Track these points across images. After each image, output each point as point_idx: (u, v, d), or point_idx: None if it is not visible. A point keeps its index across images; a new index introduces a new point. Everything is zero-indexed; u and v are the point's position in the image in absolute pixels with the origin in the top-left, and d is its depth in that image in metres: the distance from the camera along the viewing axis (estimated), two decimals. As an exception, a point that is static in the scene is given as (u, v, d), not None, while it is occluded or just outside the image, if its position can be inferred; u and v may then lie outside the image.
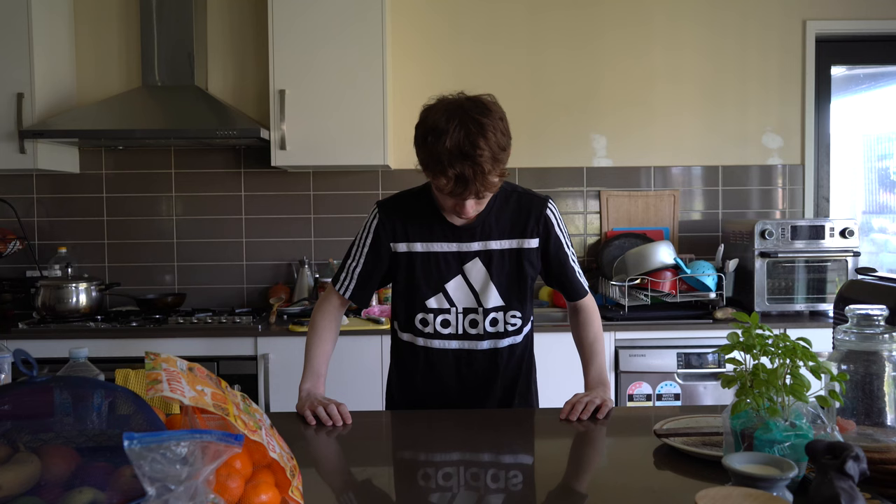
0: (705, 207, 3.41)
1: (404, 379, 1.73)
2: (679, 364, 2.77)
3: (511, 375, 1.68)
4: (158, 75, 3.13)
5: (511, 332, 1.65)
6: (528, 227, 1.62)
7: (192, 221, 3.35)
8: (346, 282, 1.70)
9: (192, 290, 3.33)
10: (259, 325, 2.82)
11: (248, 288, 3.36)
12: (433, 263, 1.62)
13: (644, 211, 3.38)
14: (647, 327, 2.82)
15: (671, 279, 2.92)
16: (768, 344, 1.13)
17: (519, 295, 1.64)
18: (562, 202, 3.40)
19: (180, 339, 2.77)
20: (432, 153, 1.42)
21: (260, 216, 3.35)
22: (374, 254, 1.66)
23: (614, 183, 3.39)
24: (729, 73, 3.38)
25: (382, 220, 1.65)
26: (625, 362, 2.78)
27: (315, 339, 1.69)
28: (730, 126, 3.39)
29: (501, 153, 1.43)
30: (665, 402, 2.78)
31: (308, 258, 3.29)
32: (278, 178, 3.33)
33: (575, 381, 1.75)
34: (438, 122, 1.42)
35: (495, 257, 1.61)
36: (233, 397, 1.04)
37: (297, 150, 2.99)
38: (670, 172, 3.40)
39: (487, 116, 1.43)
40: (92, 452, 0.90)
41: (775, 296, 2.96)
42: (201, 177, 3.34)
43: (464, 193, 1.44)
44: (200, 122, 2.99)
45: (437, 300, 1.62)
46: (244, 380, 2.72)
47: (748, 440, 1.09)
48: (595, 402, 1.55)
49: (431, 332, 1.64)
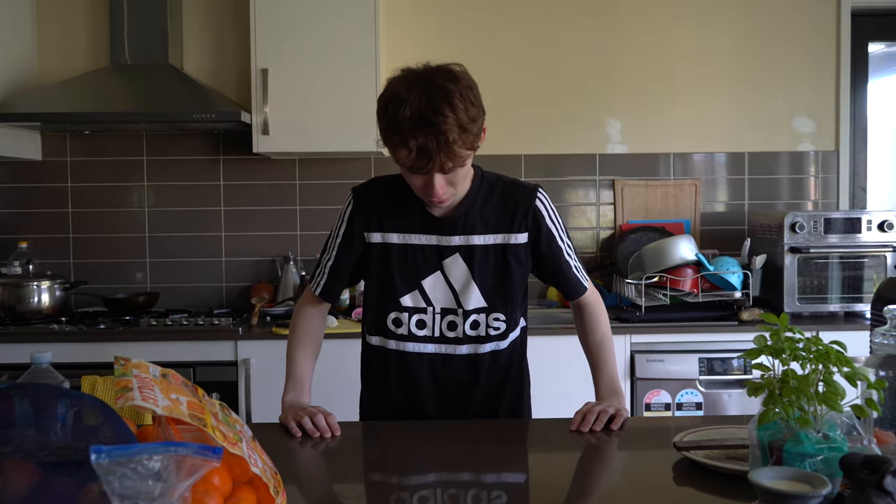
0: (730, 198, 3.41)
1: (374, 389, 1.72)
2: (701, 370, 2.77)
3: (494, 386, 1.67)
4: (128, 53, 3.12)
5: (494, 336, 1.64)
6: (515, 221, 1.61)
7: (165, 213, 3.34)
8: (319, 278, 1.70)
9: (166, 289, 3.33)
10: (239, 327, 2.82)
11: (228, 287, 3.35)
12: (410, 257, 1.61)
13: (663, 202, 3.37)
14: (666, 330, 2.81)
15: (692, 277, 2.92)
16: (799, 348, 1.13)
17: (504, 296, 1.63)
18: (572, 192, 3.40)
19: (153, 342, 2.77)
20: (392, 123, 1.42)
21: (240, 208, 3.34)
22: (347, 244, 1.66)
23: (630, 171, 3.38)
24: (756, 51, 3.37)
25: (357, 208, 1.65)
26: (641, 368, 2.78)
27: (296, 345, 1.69)
28: (757, 109, 3.39)
29: (470, 124, 1.42)
30: (686, 411, 2.78)
31: (293, 254, 3.29)
32: (260, 166, 3.32)
33: (589, 391, 1.73)
34: (399, 91, 1.42)
35: (478, 253, 1.61)
36: (211, 407, 1.04)
37: (282, 135, 2.98)
38: (691, 160, 3.40)
39: (454, 83, 1.42)
40: (55, 467, 0.90)
41: (807, 295, 2.96)
42: (176, 164, 3.33)
43: (427, 167, 1.43)
44: (175, 104, 2.97)
45: (412, 298, 1.62)
46: (223, 387, 2.71)
47: (777, 453, 1.09)
48: (609, 412, 1.54)
49: (405, 333, 1.63)
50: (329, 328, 2.73)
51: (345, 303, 3.11)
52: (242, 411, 2.74)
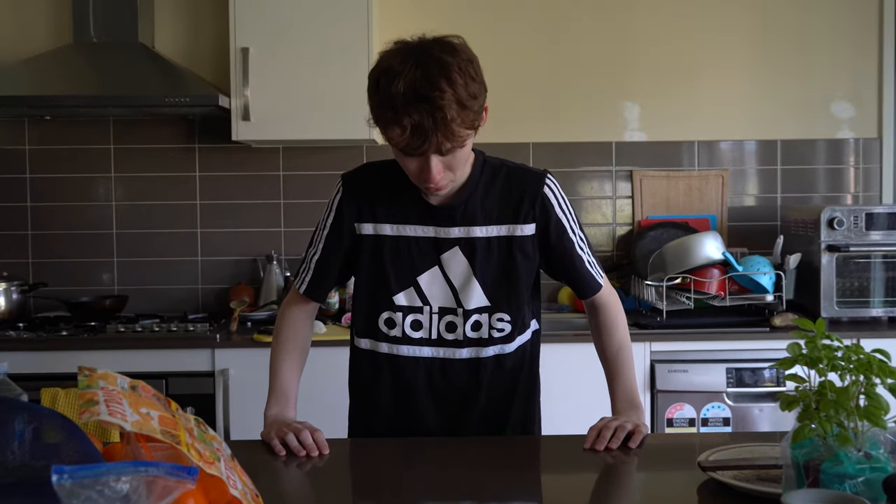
0: (761, 191, 3.40)
1: (363, 399, 1.72)
2: (729, 382, 2.77)
3: (499, 395, 1.67)
4: (94, 30, 3.11)
5: (498, 339, 1.64)
6: (521, 210, 1.61)
7: (135, 208, 3.33)
8: (304, 274, 1.70)
9: (136, 291, 3.32)
10: (217, 334, 2.82)
11: (204, 289, 3.35)
12: (404, 250, 1.61)
13: (686, 195, 3.37)
14: (690, 337, 2.81)
15: (719, 278, 2.92)
16: (838, 357, 1.13)
17: (508, 294, 1.63)
18: (586, 184, 3.39)
19: (121, 351, 2.77)
20: (384, 98, 1.42)
21: (218, 201, 3.34)
22: (335, 236, 1.66)
23: (650, 161, 3.38)
24: (789, 28, 3.37)
25: (346, 196, 1.66)
26: (662, 379, 2.78)
27: (280, 352, 1.69)
28: (790, 92, 3.38)
29: (470, 100, 1.42)
30: (712, 427, 2.78)
31: (277, 252, 3.29)
32: (240, 156, 3.32)
33: (605, 404, 1.73)
34: (392, 64, 1.43)
35: (479, 246, 1.61)
36: (185, 422, 1.04)
37: (264, 121, 2.98)
38: (718, 148, 3.39)
39: (452, 55, 1.43)
40: (12, 490, 0.90)
41: (846, 298, 2.95)
42: (146, 153, 3.32)
43: (422, 147, 1.43)
44: (145, 86, 2.97)
45: (407, 296, 1.62)
46: (199, 401, 2.71)
47: (813, 474, 1.09)
48: (626, 428, 1.54)
49: (399, 335, 1.63)
50: (317, 334, 2.66)
51: (334, 307, 3.12)
52: (220, 427, 2.74)
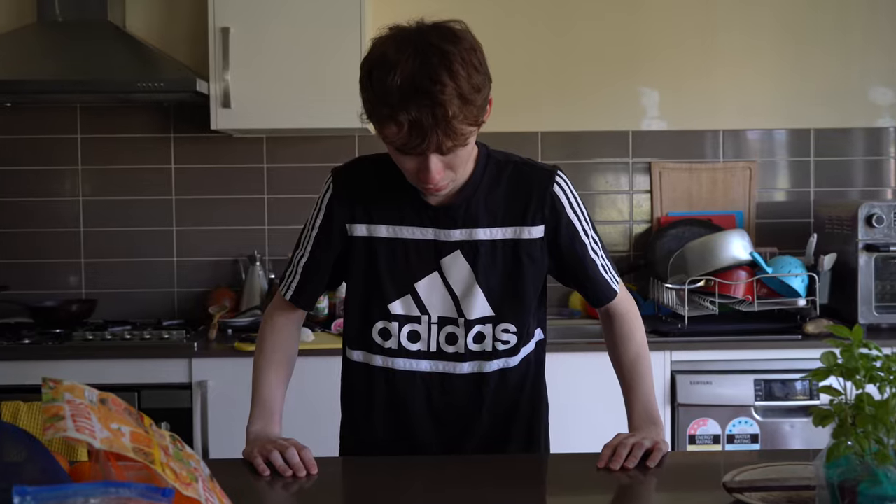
0: (792, 185, 3.40)
1: (356, 416, 1.73)
2: (757, 395, 2.77)
3: (503, 412, 1.67)
4: (59, 8, 3.11)
5: (503, 352, 1.64)
6: (528, 210, 1.61)
7: (104, 204, 3.33)
8: (291, 279, 1.71)
9: (105, 295, 3.32)
10: (194, 342, 2.82)
11: (180, 293, 3.35)
12: (401, 254, 1.61)
13: (710, 190, 3.37)
14: (714, 345, 2.81)
15: (746, 281, 2.91)
16: (876, 367, 1.13)
17: (514, 302, 1.63)
18: (599, 177, 3.39)
19: (89, 360, 2.77)
20: (378, 92, 1.41)
21: (196, 196, 3.34)
22: (325, 238, 1.66)
23: (670, 152, 3.38)
24: (824, 4, 3.37)
25: (338, 193, 1.66)
26: (684, 392, 2.78)
27: (264, 364, 1.69)
28: (824, 75, 3.39)
29: (474, 94, 1.42)
30: (738, 444, 2.78)
31: (260, 253, 3.29)
32: (220, 146, 3.32)
33: (622, 419, 1.72)
34: (388, 54, 1.42)
35: (483, 250, 1.61)
36: (160, 439, 1.04)
37: (246, 109, 2.98)
38: (744, 138, 3.39)
39: (454, 44, 1.42)
40: (-30, 513, 0.90)
41: (886, 303, 2.96)
42: (117, 144, 3.32)
43: (422, 146, 1.42)
44: (115, 70, 2.96)
45: (403, 304, 1.62)
46: (175, 415, 2.72)
47: (849, 496, 1.09)
48: (644, 445, 1.53)
49: (394, 347, 1.63)
50: (304, 343, 2.69)
51: (322, 312, 3.11)
52: (198, 444, 2.74)
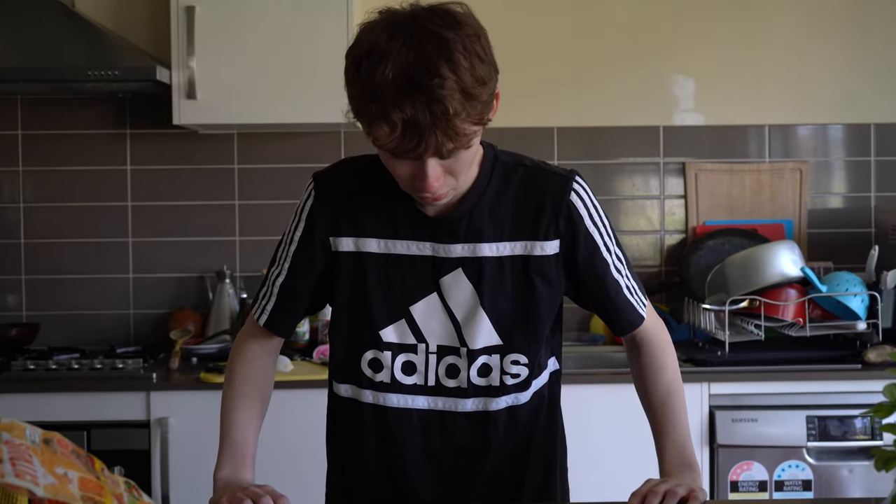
0: (850, 189, 3.41)
1: (344, 460, 1.72)
2: (810, 434, 2.76)
3: (513, 457, 1.66)
4: (-3, -16, 3.11)
5: (511, 387, 1.64)
6: (541, 222, 1.61)
7: (49, 211, 3.33)
8: (265, 301, 1.70)
9: (50, 318, 3.31)
10: (153, 372, 2.82)
11: (137, 315, 3.35)
12: (394, 273, 1.61)
13: (754, 194, 3.36)
14: (760, 376, 2.81)
15: (796, 301, 2.91)
16: (947, 402, 1.14)
17: (525, 330, 1.62)
18: (625, 181, 3.39)
19: (30, 394, 2.77)
20: (367, 87, 1.40)
21: (155, 203, 3.34)
22: (305, 253, 1.65)
23: (707, 151, 3.38)
24: (886, -20, 3.38)
25: (320, 201, 1.65)
26: (725, 431, 2.77)
27: (234, 399, 1.68)
28: (887, 63, 3.39)
29: (478, 87, 1.40)
30: (788, 492, 2.77)
31: (230, 268, 3.29)
32: (184, 144, 3.32)
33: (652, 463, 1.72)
34: (378, 42, 1.40)
35: (488, 269, 1.60)
36: (113, 486, 1.04)
37: (214, 101, 2.98)
38: (794, 134, 3.40)
39: (454, 30, 1.41)
40: None
41: (959, 327, 2.95)
42: (63, 141, 3.33)
43: (418, 150, 1.41)
44: (62, 55, 2.96)
45: (397, 331, 1.61)
46: (130, 458, 2.72)
47: (916, 551, 1.09)
48: (678, 493, 1.53)
49: (386, 380, 1.62)
50: (281, 373, 2.73)
51: (303, 337, 3.12)
52: (157, 492, 2.73)
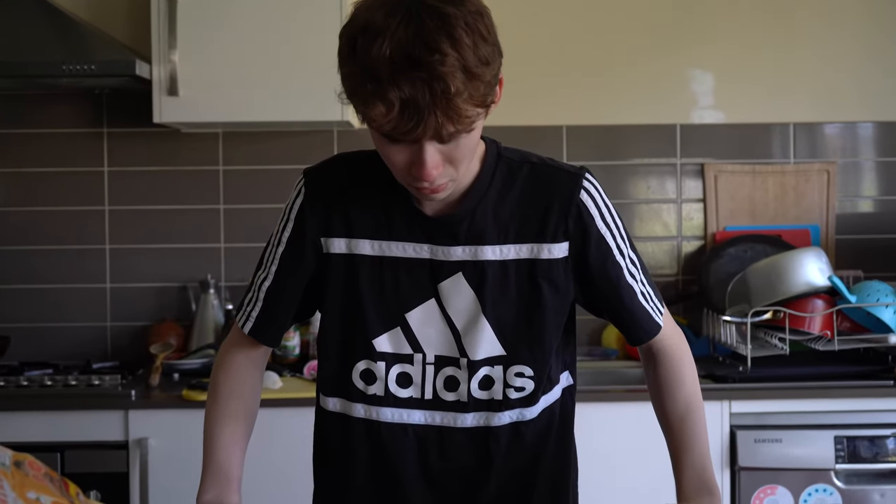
0: (880, 192, 3.43)
1: (332, 481, 1.72)
2: (839, 456, 2.77)
3: (519, 477, 1.67)
4: (-36, -28, 3.16)
5: (516, 401, 1.64)
6: (548, 223, 1.61)
7: (19, 216, 3.35)
8: (250, 307, 1.71)
9: (21, 331, 3.32)
10: (132, 389, 2.83)
11: (115, 328, 3.36)
12: (389, 277, 1.62)
13: (778, 198, 3.37)
14: (785, 394, 2.82)
15: (824, 312, 2.90)
16: None
17: (531, 339, 1.63)
18: (639, 183, 3.41)
19: (0, 413, 2.78)
20: (363, 64, 1.40)
21: (134, 207, 3.36)
22: (294, 255, 1.66)
23: (727, 152, 3.40)
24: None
25: (310, 199, 1.66)
26: (747, 452, 2.78)
27: (218, 416, 1.69)
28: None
29: (481, 67, 1.41)
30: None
31: (215, 277, 3.31)
32: (165, 144, 3.35)
33: (669, 487, 1.73)
34: (374, 18, 1.41)
35: (491, 273, 1.61)
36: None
37: (197, 97, 3.00)
38: (821, 133, 3.42)
39: (456, 6, 1.42)
40: None
41: None
42: (37, 141, 3.35)
43: (416, 131, 1.40)
44: (35, 49, 2.97)
45: (391, 339, 1.62)
46: (107, 481, 2.73)
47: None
48: (697, 519, 1.57)
49: (380, 393, 1.63)
50: (269, 390, 2.75)
51: (293, 352, 3.13)
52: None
